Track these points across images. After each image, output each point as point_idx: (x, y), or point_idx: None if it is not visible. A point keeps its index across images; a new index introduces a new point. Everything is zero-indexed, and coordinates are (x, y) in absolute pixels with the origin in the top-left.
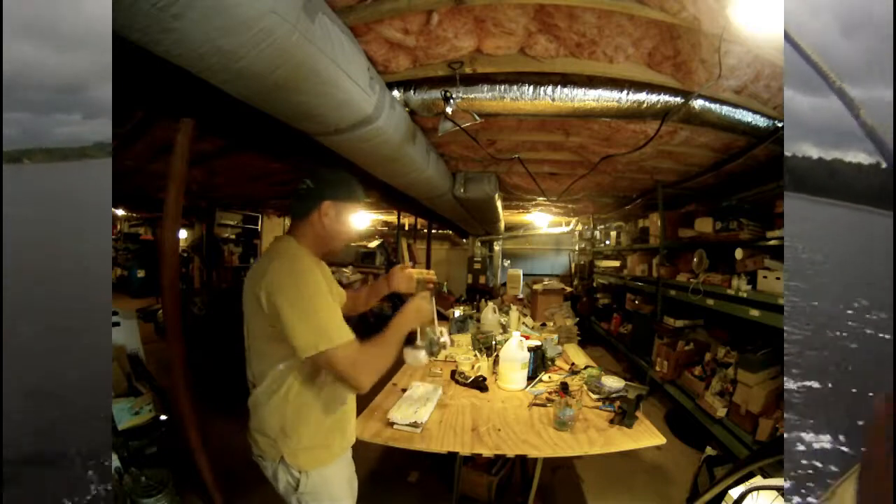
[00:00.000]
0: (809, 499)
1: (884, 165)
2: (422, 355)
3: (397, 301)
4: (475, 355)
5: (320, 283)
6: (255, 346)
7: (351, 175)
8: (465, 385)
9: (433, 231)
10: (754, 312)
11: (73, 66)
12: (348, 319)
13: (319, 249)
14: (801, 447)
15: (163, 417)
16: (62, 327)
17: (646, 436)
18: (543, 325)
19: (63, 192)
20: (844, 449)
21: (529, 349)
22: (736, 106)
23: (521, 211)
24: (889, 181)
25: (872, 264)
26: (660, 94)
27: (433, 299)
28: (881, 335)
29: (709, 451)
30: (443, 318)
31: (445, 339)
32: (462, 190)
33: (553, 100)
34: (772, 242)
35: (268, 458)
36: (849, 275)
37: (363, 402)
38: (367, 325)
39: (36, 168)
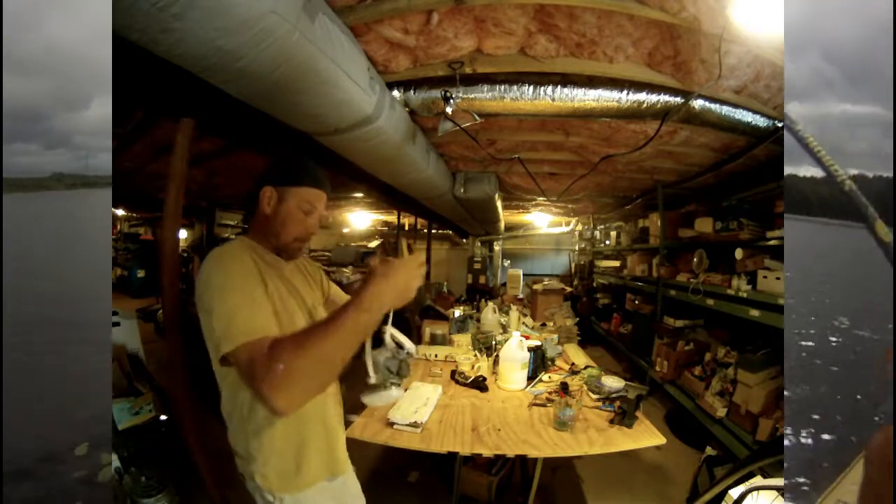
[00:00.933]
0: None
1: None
2: (392, 392)
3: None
4: (475, 355)
5: (235, 269)
6: (211, 358)
7: (302, 157)
8: (465, 385)
9: (433, 231)
10: (754, 312)
11: (30, 92)
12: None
13: (269, 243)
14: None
15: (163, 417)
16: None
17: (646, 436)
18: (543, 325)
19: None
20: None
21: (529, 349)
22: (736, 106)
23: (521, 211)
24: (838, 193)
25: (834, 273)
26: (660, 94)
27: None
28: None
29: (709, 451)
30: (443, 318)
31: (410, 347)
32: (462, 190)
33: (553, 100)
34: (772, 242)
35: (246, 477)
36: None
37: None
38: None
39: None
